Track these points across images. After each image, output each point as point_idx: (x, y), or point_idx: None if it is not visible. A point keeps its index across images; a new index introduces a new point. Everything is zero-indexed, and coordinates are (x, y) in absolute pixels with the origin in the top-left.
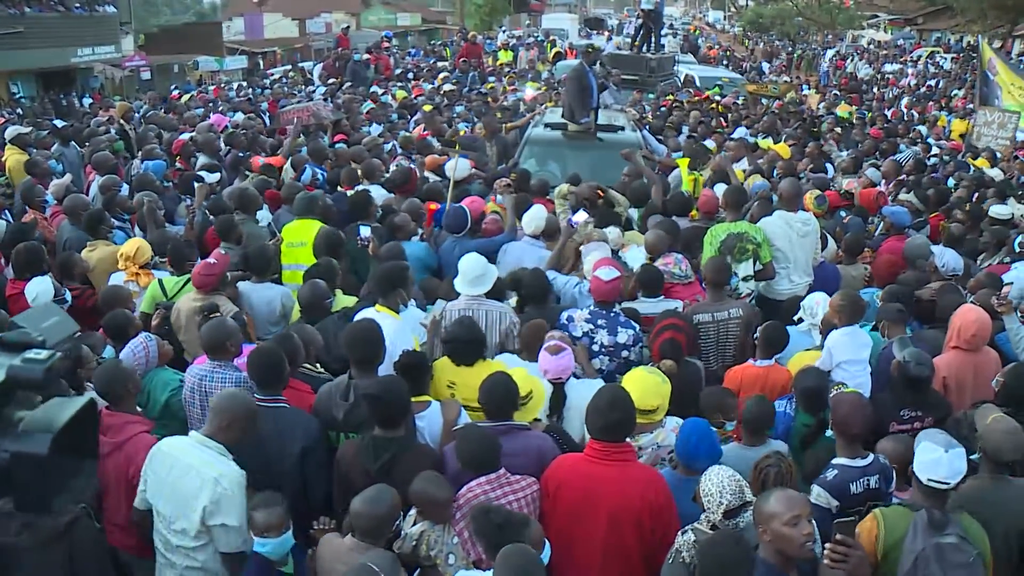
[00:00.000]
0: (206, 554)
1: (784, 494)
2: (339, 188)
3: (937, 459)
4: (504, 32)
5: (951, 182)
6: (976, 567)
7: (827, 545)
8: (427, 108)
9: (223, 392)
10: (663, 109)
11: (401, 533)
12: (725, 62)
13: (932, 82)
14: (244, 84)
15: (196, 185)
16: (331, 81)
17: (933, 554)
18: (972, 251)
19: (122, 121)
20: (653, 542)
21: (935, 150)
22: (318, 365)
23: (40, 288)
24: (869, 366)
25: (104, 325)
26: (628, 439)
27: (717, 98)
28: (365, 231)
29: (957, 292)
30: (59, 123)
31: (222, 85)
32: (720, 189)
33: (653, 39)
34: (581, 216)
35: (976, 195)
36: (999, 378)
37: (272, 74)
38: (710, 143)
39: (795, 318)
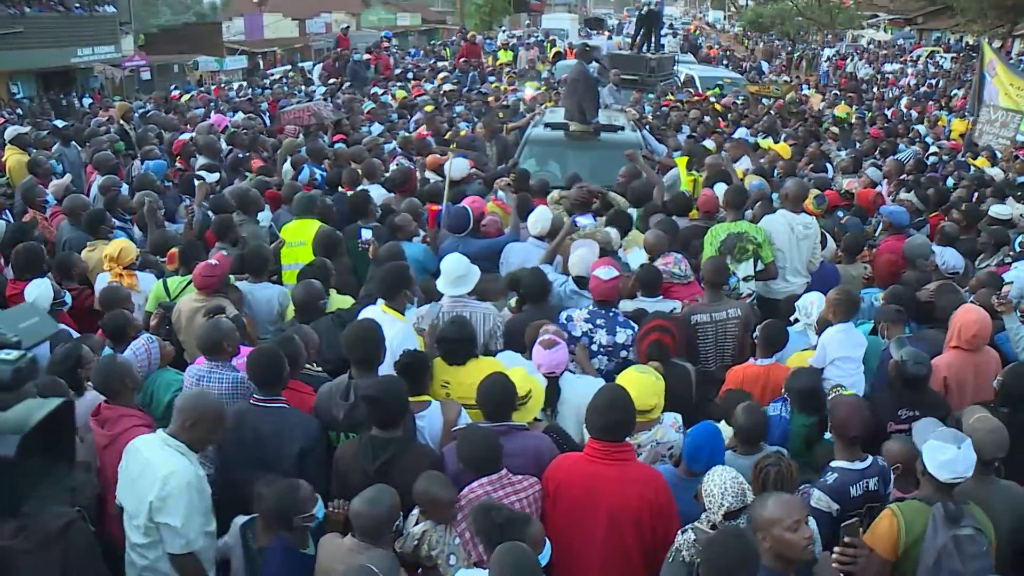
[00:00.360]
0: (156, 553)
1: (781, 499)
2: (339, 188)
3: (953, 457)
4: (504, 32)
5: (950, 182)
6: (989, 555)
7: (836, 549)
8: (429, 108)
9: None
10: (664, 109)
11: (403, 533)
12: (725, 62)
13: (932, 81)
14: (244, 84)
15: (196, 184)
16: (331, 81)
17: (953, 547)
18: (970, 251)
19: (122, 121)
20: (653, 541)
21: (933, 149)
22: (314, 365)
23: (40, 291)
24: (863, 365)
25: (103, 326)
26: (627, 438)
27: (712, 99)
28: (366, 233)
29: (955, 291)
30: (59, 123)
31: (222, 85)
32: (720, 189)
33: (653, 39)
34: (586, 220)
35: (976, 195)
36: (999, 378)
37: (272, 74)
38: (709, 143)
39: (791, 318)
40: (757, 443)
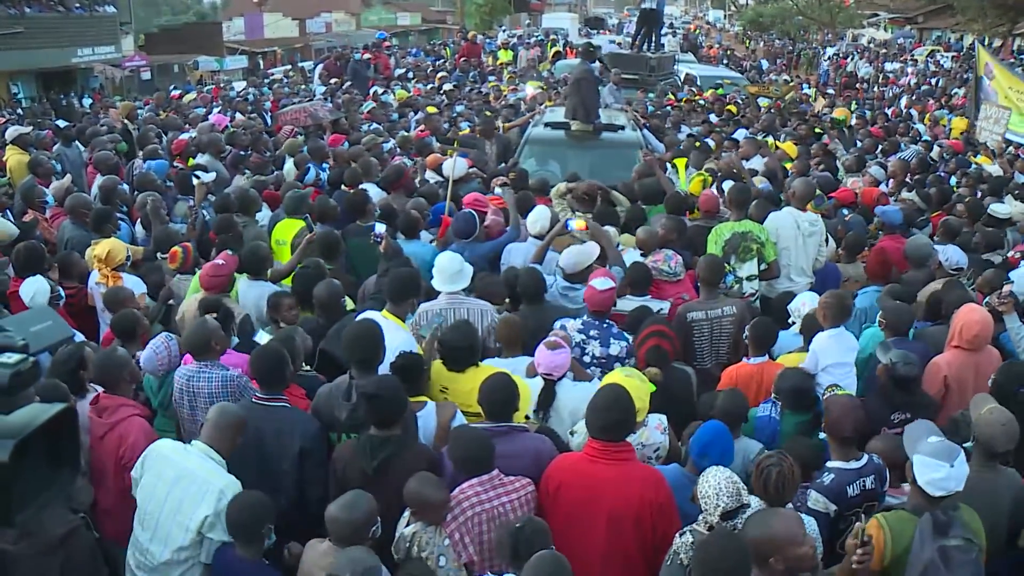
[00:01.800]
0: (183, 568)
1: (783, 517)
2: (342, 187)
3: (946, 476)
4: (504, 32)
5: (953, 181)
6: (978, 562)
7: (858, 550)
8: (431, 110)
9: (217, 406)
10: (667, 108)
11: (397, 535)
12: (725, 61)
13: (932, 80)
14: (245, 85)
15: (195, 184)
16: (332, 81)
17: (940, 559)
18: (966, 247)
19: (125, 120)
20: (654, 541)
21: (935, 149)
22: (305, 365)
23: (36, 288)
24: (855, 368)
25: (112, 326)
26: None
27: (701, 102)
28: (380, 228)
29: (961, 287)
30: (62, 123)
31: (222, 85)
32: (724, 187)
33: (653, 38)
34: (578, 224)
35: (979, 193)
36: (993, 376)
37: (272, 74)
38: (709, 142)
39: (789, 320)
40: (737, 429)
